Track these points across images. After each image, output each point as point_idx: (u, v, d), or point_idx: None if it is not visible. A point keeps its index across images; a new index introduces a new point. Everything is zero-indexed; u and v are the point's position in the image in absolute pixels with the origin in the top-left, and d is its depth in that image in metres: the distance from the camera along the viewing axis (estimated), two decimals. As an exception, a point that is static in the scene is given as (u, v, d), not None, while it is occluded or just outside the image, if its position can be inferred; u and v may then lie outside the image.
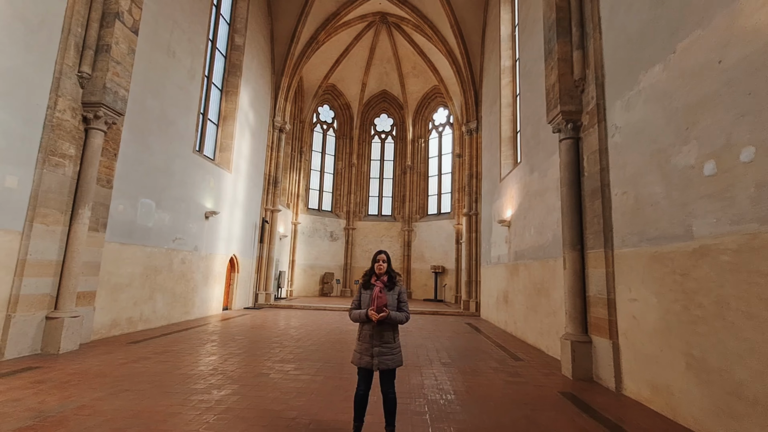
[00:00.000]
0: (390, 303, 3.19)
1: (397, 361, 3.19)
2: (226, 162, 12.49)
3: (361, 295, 3.25)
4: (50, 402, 3.84)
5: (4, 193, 5.46)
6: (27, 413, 3.52)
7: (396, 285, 3.31)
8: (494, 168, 12.39)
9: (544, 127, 7.98)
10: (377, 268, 3.27)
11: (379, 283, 3.23)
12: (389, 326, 3.19)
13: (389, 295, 3.22)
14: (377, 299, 3.13)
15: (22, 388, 4.23)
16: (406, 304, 3.33)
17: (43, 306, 5.98)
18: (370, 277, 3.29)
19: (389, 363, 3.13)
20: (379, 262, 3.28)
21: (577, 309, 5.65)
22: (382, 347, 3.13)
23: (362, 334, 3.19)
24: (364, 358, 3.11)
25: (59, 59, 6.19)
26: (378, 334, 3.14)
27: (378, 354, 3.10)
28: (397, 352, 3.20)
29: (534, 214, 8.40)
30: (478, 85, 15.14)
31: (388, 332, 3.18)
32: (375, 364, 3.08)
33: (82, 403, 3.85)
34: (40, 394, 4.04)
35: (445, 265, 19.65)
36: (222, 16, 12.63)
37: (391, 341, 3.18)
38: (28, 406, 3.70)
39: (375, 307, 3.10)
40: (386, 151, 23.82)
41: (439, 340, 8.35)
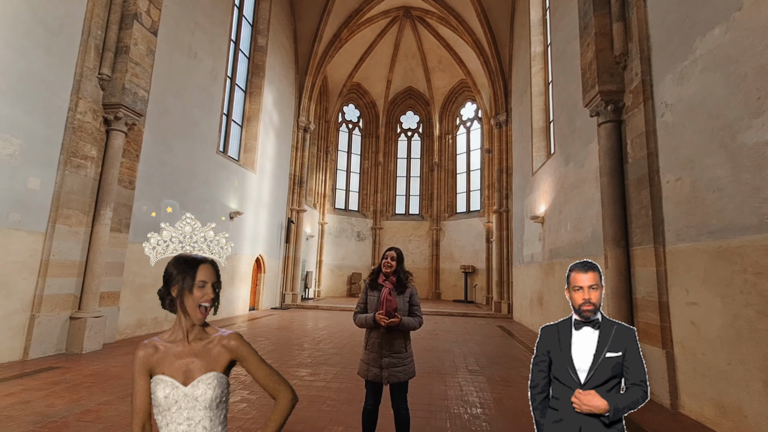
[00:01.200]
0: (401, 307, 2.81)
1: (410, 372, 2.79)
2: (250, 162, 12.52)
3: (367, 297, 2.88)
4: (58, 405, 3.74)
5: (28, 195, 5.54)
6: (31, 417, 3.42)
7: (407, 287, 2.91)
8: (526, 161, 11.66)
9: (580, 112, 7.29)
10: (385, 266, 2.89)
11: (388, 284, 2.84)
12: (400, 333, 2.80)
13: (400, 298, 2.84)
14: (386, 302, 2.75)
15: (35, 389, 4.19)
16: (419, 308, 2.93)
17: (67, 306, 6.05)
18: (377, 276, 2.91)
19: (400, 375, 2.74)
20: (387, 259, 2.90)
21: (622, 313, 5.00)
22: (392, 357, 2.74)
23: (369, 342, 2.82)
24: (372, 370, 2.74)
25: (79, 62, 6.25)
26: (387, 343, 2.75)
27: (388, 365, 2.72)
28: (409, 362, 2.81)
29: (570, 209, 7.71)
30: (507, 75, 14.40)
31: (398, 340, 2.79)
32: (384, 377, 2.71)
33: (89, 407, 3.73)
34: (51, 397, 3.96)
35: (475, 264, 18.93)
36: (244, 17, 12.69)
37: (403, 350, 2.79)
38: (34, 409, 3.62)
39: (384, 311, 2.73)
40: (413, 149, 23.36)
41: (467, 345, 7.84)
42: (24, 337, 5.49)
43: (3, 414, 3.46)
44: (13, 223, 5.35)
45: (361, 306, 2.90)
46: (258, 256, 13.08)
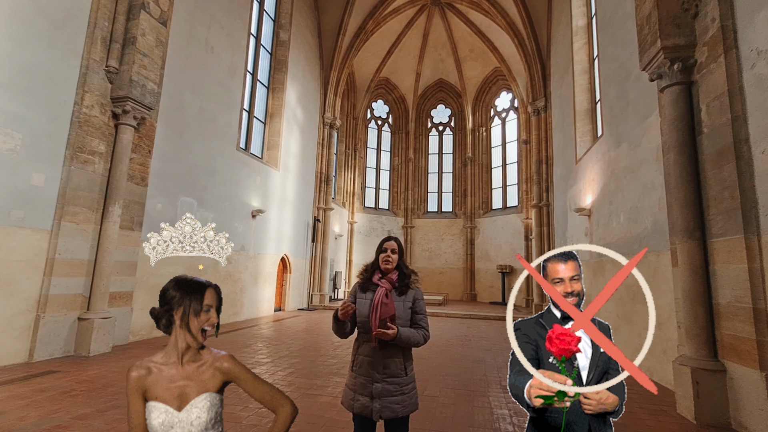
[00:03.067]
0: (400, 314, 2.09)
1: (410, 404, 2.06)
2: (273, 160, 12.23)
3: (356, 301, 2.19)
4: (31, 418, 3.37)
5: (31, 192, 5.36)
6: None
7: (410, 288, 2.19)
8: (568, 149, 10.48)
9: (634, 82, 6.20)
10: (383, 262, 2.18)
11: (386, 283, 2.13)
12: (398, 350, 2.07)
13: (399, 302, 2.12)
14: (381, 308, 2.04)
15: (20, 397, 3.88)
16: (425, 316, 2.19)
17: (75, 307, 5.85)
18: (372, 275, 2.20)
19: (398, 409, 2.01)
20: (387, 252, 2.17)
21: (699, 322, 3.97)
22: (386, 383, 2.02)
23: (357, 361, 2.11)
24: (360, 400, 2.02)
25: (85, 54, 6.06)
26: (380, 362, 2.04)
27: (380, 394, 2.00)
28: (409, 390, 2.07)
29: (623, 197, 6.61)
30: (545, 56, 13.17)
31: (395, 359, 2.06)
32: (375, 410, 1.98)
33: (61, 421, 3.32)
34: (29, 407, 3.61)
35: (513, 264, 17.66)
36: (266, 11, 12.44)
37: (400, 374, 2.06)
38: (4, 422, 3.25)
39: (376, 319, 2.02)
40: (444, 144, 22.38)
41: (503, 354, 6.93)
42: (29, 339, 5.31)
43: (-35, 428, 3.12)
44: (16, 221, 5.17)
45: None
46: (283, 256, 12.77)
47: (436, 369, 5.70)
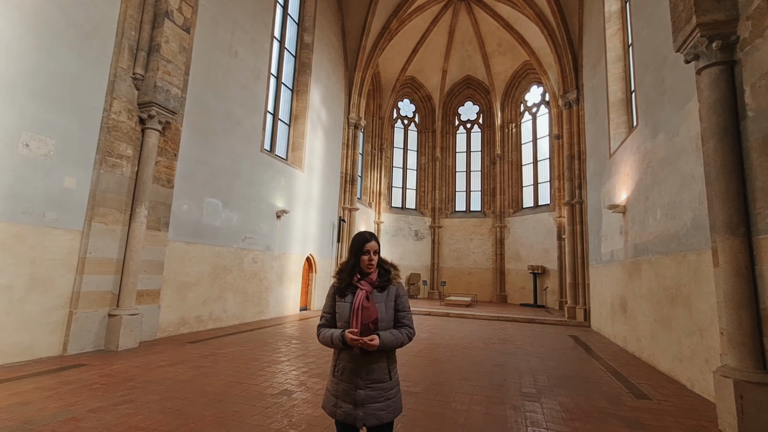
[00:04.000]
0: (383, 317, 1.96)
1: (395, 408, 1.93)
2: (298, 161, 12.39)
3: (335, 304, 2.06)
4: (50, 409, 3.52)
5: (64, 194, 5.67)
6: (13, 423, 3.20)
7: (390, 283, 2.05)
8: (601, 142, 9.87)
9: (671, 67, 5.70)
10: (366, 266, 2.03)
11: (365, 285, 2.00)
12: (382, 354, 1.94)
13: (381, 303, 1.98)
14: (361, 312, 1.92)
15: (45, 389, 4.08)
16: (408, 312, 2.05)
17: (105, 303, 6.14)
18: (351, 276, 2.06)
19: (382, 415, 1.89)
20: (369, 254, 2.03)
21: (744, 329, 3.53)
22: (370, 389, 1.90)
23: (338, 366, 1.98)
24: (342, 407, 1.91)
25: (113, 62, 6.35)
26: (363, 368, 1.91)
27: (363, 400, 1.88)
28: (393, 395, 1.94)
29: (660, 192, 6.09)
30: (576, 46, 12.51)
31: (378, 364, 1.93)
32: (359, 418, 1.86)
33: (76, 414, 3.44)
34: (51, 399, 3.79)
35: (545, 264, 16.95)
36: (289, 15, 12.64)
37: (385, 378, 1.93)
38: (25, 413, 3.42)
39: (358, 324, 1.90)
40: (472, 142, 21.86)
41: (528, 359, 6.59)
42: (63, 333, 5.62)
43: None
44: (50, 222, 5.49)
45: (327, 317, 2.07)
46: (308, 256, 12.90)
47: (454, 372, 5.49)
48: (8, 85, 5.02)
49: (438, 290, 19.83)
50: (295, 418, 3.55)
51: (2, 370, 4.63)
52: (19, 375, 4.49)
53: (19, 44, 5.14)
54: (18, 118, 5.11)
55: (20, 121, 5.14)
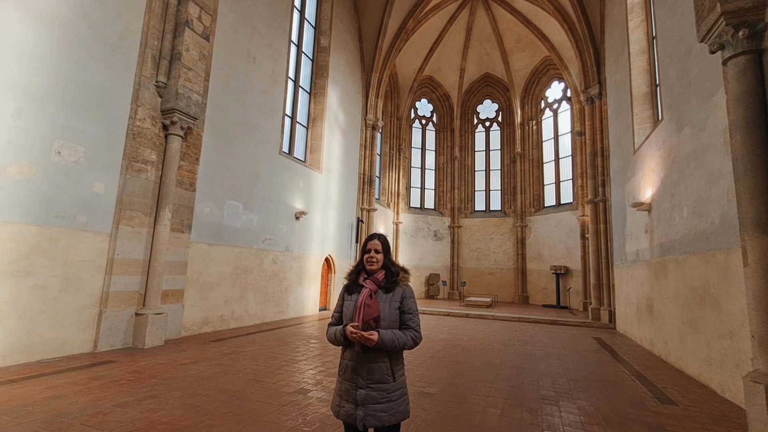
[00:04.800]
0: (385, 316, 1.97)
1: (398, 412, 1.92)
2: (316, 163, 12.56)
3: (343, 303, 2.10)
4: (80, 403, 3.71)
5: (93, 199, 5.96)
6: (46, 415, 3.39)
7: (397, 285, 2.06)
8: (625, 138, 9.55)
9: (696, 58, 5.47)
10: (368, 262, 2.07)
11: (370, 284, 2.03)
12: (384, 354, 1.95)
13: (385, 303, 2.00)
14: (363, 309, 1.94)
15: (76, 383, 4.30)
16: (415, 315, 2.04)
17: (132, 303, 6.40)
18: (358, 275, 2.10)
19: (383, 417, 1.89)
20: (371, 252, 2.06)
21: (777, 332, 3.35)
22: (371, 389, 1.91)
23: (342, 365, 2.02)
24: (345, 407, 1.93)
25: (138, 72, 6.63)
26: (363, 367, 1.93)
27: (364, 400, 1.90)
28: (397, 397, 1.94)
29: (687, 188, 5.84)
30: (598, 39, 12.15)
31: (380, 364, 1.93)
32: (360, 418, 1.88)
33: (103, 408, 3.62)
34: (82, 393, 3.99)
35: (568, 264, 16.52)
36: (306, 20, 12.83)
37: (387, 380, 1.93)
38: (57, 406, 3.61)
39: (359, 321, 1.92)
40: (492, 140, 21.56)
41: (548, 361, 6.45)
42: (94, 331, 5.90)
43: (26, 409, 3.50)
44: (81, 225, 5.78)
45: (336, 315, 2.11)
46: (327, 256, 13.05)
47: (471, 373, 5.44)
48: (42, 96, 5.32)
49: (458, 291, 19.64)
50: (309, 417, 3.60)
51: (39, 365, 4.91)
52: (54, 370, 4.75)
53: (51, 57, 5.44)
54: (50, 128, 5.41)
55: (53, 130, 5.44)
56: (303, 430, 3.32)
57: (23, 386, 4.11)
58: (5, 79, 4.94)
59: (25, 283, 5.10)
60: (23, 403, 3.64)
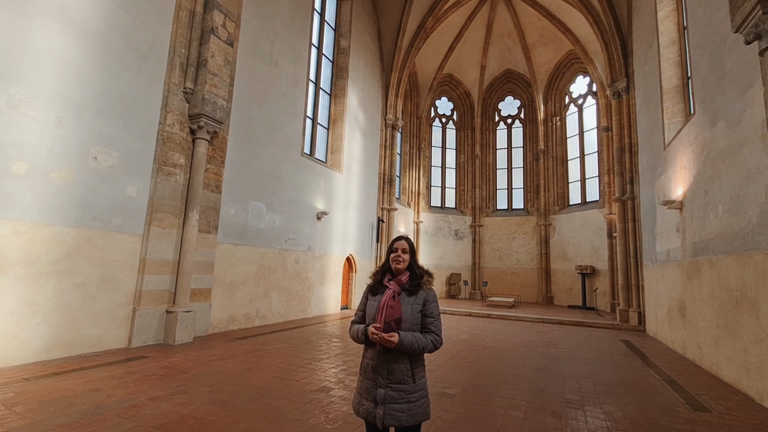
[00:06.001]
0: (407, 318, 2.00)
1: (417, 413, 1.95)
2: (336, 163, 12.70)
3: (367, 302, 2.14)
4: (116, 396, 3.91)
5: (127, 201, 6.25)
6: (86, 407, 3.60)
7: (421, 288, 2.08)
8: (655, 133, 9.20)
9: (731, 48, 5.22)
10: (394, 262, 2.11)
11: (394, 285, 2.06)
12: (403, 355, 1.98)
13: (408, 305, 2.02)
14: (386, 310, 1.98)
15: (113, 377, 4.53)
16: (437, 319, 2.05)
17: (163, 301, 6.68)
18: (383, 276, 2.14)
19: (402, 417, 1.91)
20: (398, 252, 2.10)
21: (821, 337, 3.17)
22: (390, 389, 1.94)
23: (363, 363, 2.07)
24: (364, 405, 1.98)
25: (167, 79, 6.89)
26: (384, 367, 1.97)
27: (383, 399, 1.93)
28: (417, 398, 1.96)
29: (721, 185, 5.59)
30: (625, 31, 11.73)
31: (400, 365, 1.96)
32: (379, 416, 1.92)
33: (138, 401, 3.80)
34: (118, 387, 4.20)
35: (594, 264, 16.06)
36: (327, 22, 12.98)
37: (406, 380, 1.96)
38: (95, 398, 3.83)
39: (381, 321, 1.96)
40: (514, 137, 21.17)
41: (573, 363, 6.31)
42: (128, 328, 6.19)
43: (69, 401, 3.72)
44: (116, 226, 6.07)
45: (359, 314, 2.17)
46: (348, 256, 13.17)
47: (493, 375, 5.39)
48: (80, 104, 5.62)
49: (479, 291, 19.42)
50: (332, 415, 3.68)
51: (79, 359, 5.20)
52: (92, 364, 5.03)
53: (87, 68, 5.74)
54: (88, 135, 5.71)
55: (90, 137, 5.74)
56: (326, 427, 3.39)
57: (66, 379, 4.38)
58: (48, 89, 5.25)
59: (67, 282, 5.42)
60: (66, 395, 3.88)
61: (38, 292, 5.12)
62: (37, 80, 5.16)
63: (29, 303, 5.02)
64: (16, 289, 4.91)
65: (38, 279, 5.12)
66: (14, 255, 4.89)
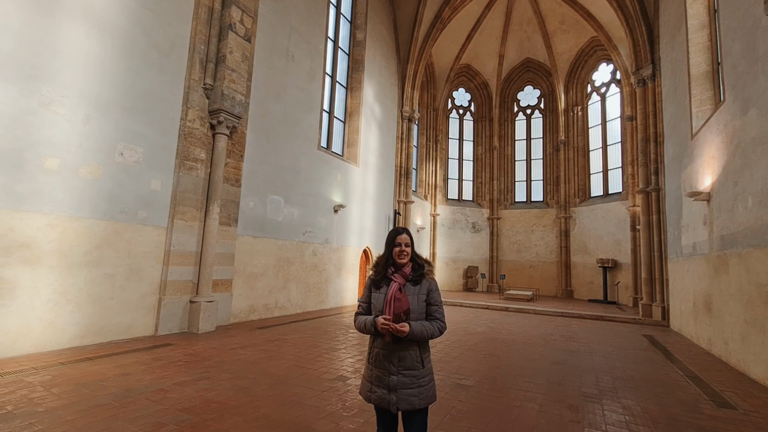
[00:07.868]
0: (414, 308, 2.06)
1: (426, 396, 2.05)
2: (353, 157, 12.76)
3: (371, 295, 2.20)
4: (145, 380, 4.11)
5: (151, 195, 6.48)
6: (116, 390, 3.80)
7: (423, 278, 2.13)
8: (682, 122, 8.86)
9: (764, 32, 4.97)
10: (398, 256, 2.15)
11: (399, 278, 2.12)
12: (413, 343, 2.06)
13: (413, 296, 2.09)
14: (393, 302, 2.05)
15: (141, 363, 4.76)
16: (440, 306, 2.15)
17: (187, 291, 6.92)
18: (386, 269, 2.19)
19: (414, 401, 2.01)
20: (401, 246, 2.15)
21: None
22: (402, 376, 2.02)
23: (372, 353, 2.14)
24: (377, 392, 2.06)
25: (187, 76, 7.06)
26: (395, 355, 2.04)
27: (396, 386, 2.01)
28: (426, 382, 2.06)
29: (752, 176, 5.36)
30: (651, 15, 11.27)
31: (410, 352, 2.05)
32: (393, 402, 2.01)
33: (164, 386, 3.99)
34: (146, 372, 4.41)
35: (616, 257, 15.68)
36: (342, 14, 12.95)
37: (417, 366, 2.05)
38: (126, 382, 4.04)
39: (390, 314, 2.02)
40: (533, 128, 20.73)
41: (592, 357, 6.23)
42: (155, 316, 6.46)
43: (101, 383, 3.94)
44: (142, 220, 6.31)
45: (363, 306, 2.23)
46: (365, 248, 13.28)
47: (509, 367, 5.39)
48: (107, 102, 5.84)
49: (497, 283, 19.27)
50: (348, 403, 3.77)
51: (110, 346, 5.48)
52: (122, 350, 5.28)
53: (112, 66, 5.94)
54: (114, 131, 5.93)
55: (116, 134, 5.96)
56: (342, 414, 3.48)
57: (98, 364, 4.62)
58: (76, 88, 5.47)
59: (97, 272, 5.68)
60: (98, 378, 4.10)
61: (71, 281, 5.39)
62: (66, 80, 5.38)
63: (63, 292, 5.30)
64: (51, 279, 5.19)
65: (71, 269, 5.39)
66: (49, 246, 5.16)
